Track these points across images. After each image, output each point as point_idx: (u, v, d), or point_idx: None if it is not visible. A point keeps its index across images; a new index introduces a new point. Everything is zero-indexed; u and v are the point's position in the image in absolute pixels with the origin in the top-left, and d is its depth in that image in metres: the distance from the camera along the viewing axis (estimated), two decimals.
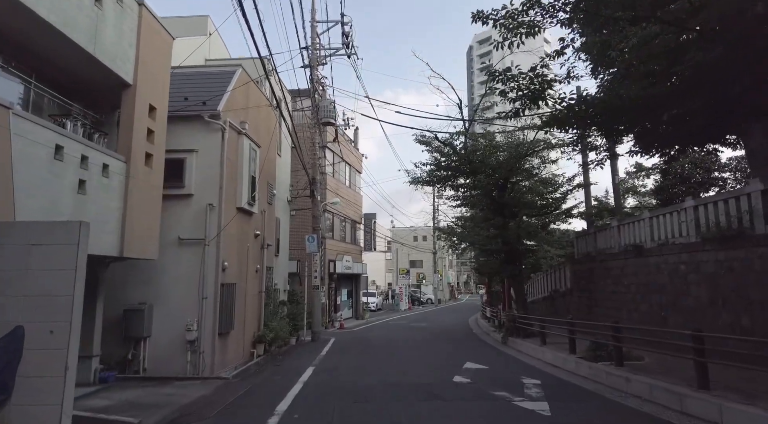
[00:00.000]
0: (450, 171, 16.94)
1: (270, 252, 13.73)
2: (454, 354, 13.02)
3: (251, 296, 11.93)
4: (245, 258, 11.48)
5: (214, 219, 9.89)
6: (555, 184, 16.20)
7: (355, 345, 15.34)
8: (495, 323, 21.35)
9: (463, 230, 23.75)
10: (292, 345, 15.16)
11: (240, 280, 11.11)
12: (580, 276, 17.50)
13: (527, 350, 13.14)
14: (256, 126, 12.43)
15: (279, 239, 15.24)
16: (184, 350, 9.35)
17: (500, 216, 15.99)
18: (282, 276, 15.91)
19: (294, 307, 16.51)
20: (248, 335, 11.70)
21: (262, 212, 12.82)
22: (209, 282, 9.66)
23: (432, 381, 8.65)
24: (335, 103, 17.81)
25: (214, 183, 10.01)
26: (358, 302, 29.10)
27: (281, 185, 15.86)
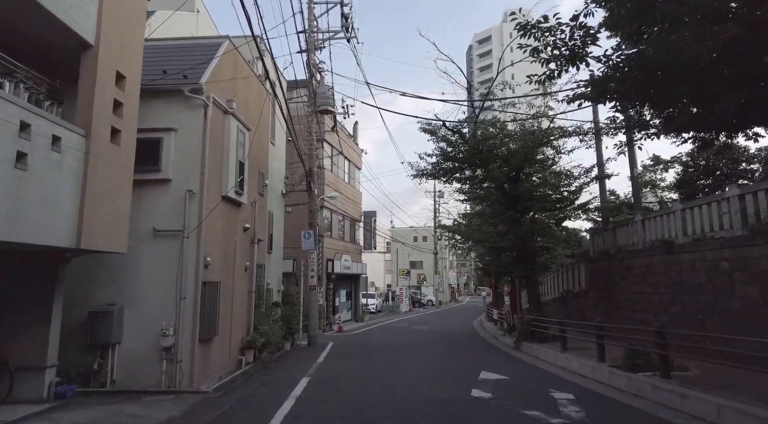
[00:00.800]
0: (457, 162, 15.71)
1: (261, 248, 12.48)
2: (466, 361, 11.78)
3: (239, 297, 10.67)
4: (232, 254, 10.23)
5: (195, 208, 8.64)
6: (571, 176, 15.00)
7: (356, 350, 14.09)
8: (503, 325, 20.15)
9: (468, 227, 22.53)
10: (286, 351, 13.91)
11: (226, 278, 9.85)
12: (596, 276, 16.29)
13: (545, 357, 11.90)
14: (246, 107, 11.19)
15: (272, 235, 14.00)
16: (159, 358, 8.08)
17: (512, 210, 14.76)
18: (275, 275, 14.66)
19: (289, 309, 15.25)
20: (236, 340, 10.44)
21: (252, 203, 11.57)
22: (188, 280, 8.41)
23: (447, 396, 7.41)
24: (334, 90, 16.59)
25: (195, 167, 8.77)
26: (358, 303, 27.83)
27: (275, 177, 14.63)
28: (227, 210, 10.02)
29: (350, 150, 26.96)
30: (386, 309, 39.45)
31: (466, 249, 27.43)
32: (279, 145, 15.33)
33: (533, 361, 11.89)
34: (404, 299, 37.91)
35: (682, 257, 11.14)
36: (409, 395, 7.56)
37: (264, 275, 12.77)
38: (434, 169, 16.28)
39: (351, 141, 27.70)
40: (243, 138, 10.66)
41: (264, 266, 12.78)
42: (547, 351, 12.04)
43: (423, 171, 16.43)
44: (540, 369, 10.43)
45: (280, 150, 15.48)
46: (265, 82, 13.29)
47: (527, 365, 11.24)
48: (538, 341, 13.92)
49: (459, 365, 11.19)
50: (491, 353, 13.86)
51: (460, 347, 15.35)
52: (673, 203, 11.69)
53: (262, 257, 12.64)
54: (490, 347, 15.56)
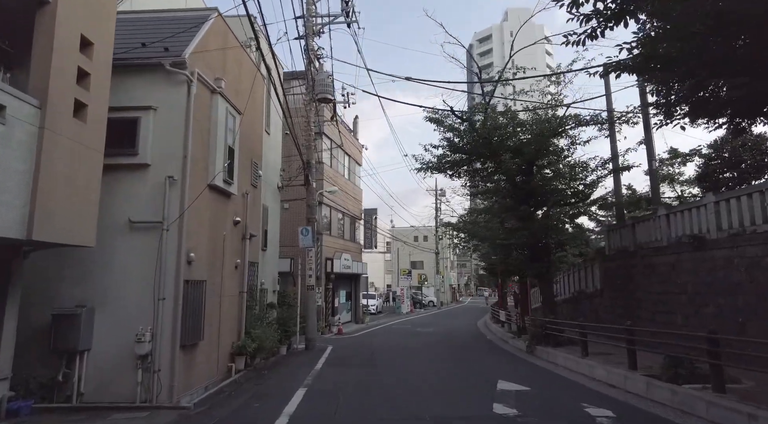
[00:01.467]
0: (465, 154, 14.71)
1: (255, 245, 11.46)
2: (478, 368, 10.78)
3: (229, 298, 9.65)
4: (220, 250, 9.21)
5: (176, 197, 7.62)
6: (586, 167, 14.00)
7: (357, 355, 13.07)
8: (511, 327, 19.16)
9: (474, 224, 21.53)
10: (281, 356, 12.88)
11: (213, 276, 8.83)
12: (612, 275, 15.30)
13: (564, 363, 10.90)
14: (237, 90, 10.18)
15: (267, 231, 12.98)
16: (134, 367, 7.06)
17: (525, 205, 13.77)
18: (271, 274, 13.64)
19: (285, 310, 14.23)
20: (224, 345, 9.42)
21: (243, 194, 10.56)
22: (168, 278, 7.39)
23: (466, 413, 6.40)
24: (333, 78, 15.57)
25: (176, 151, 7.75)
26: (358, 304, 26.81)
27: (270, 169, 13.62)
28: (215, 201, 9.01)
29: (350, 145, 25.96)
30: (387, 310, 38.44)
31: (471, 248, 26.45)
32: (275, 135, 14.33)
33: (551, 367, 10.89)
34: (405, 299, 36.89)
35: (716, 253, 10.15)
36: (422, 411, 6.54)
37: (257, 273, 11.75)
38: (440, 162, 15.28)
39: (351, 136, 26.69)
40: (233, 122, 9.65)
41: (257, 264, 11.76)
42: (566, 356, 11.04)
43: (428, 164, 15.42)
44: (562, 378, 9.43)
45: (276, 141, 14.47)
46: (259, 65, 12.29)
47: (546, 372, 10.23)
48: (553, 344, 12.93)
49: (471, 372, 10.18)
50: (503, 358, 12.85)
51: (468, 351, 14.35)
52: (705, 195, 10.67)
53: (255, 254, 11.62)
54: (501, 351, 14.56)
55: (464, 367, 11.04)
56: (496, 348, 15.36)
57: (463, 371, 10.42)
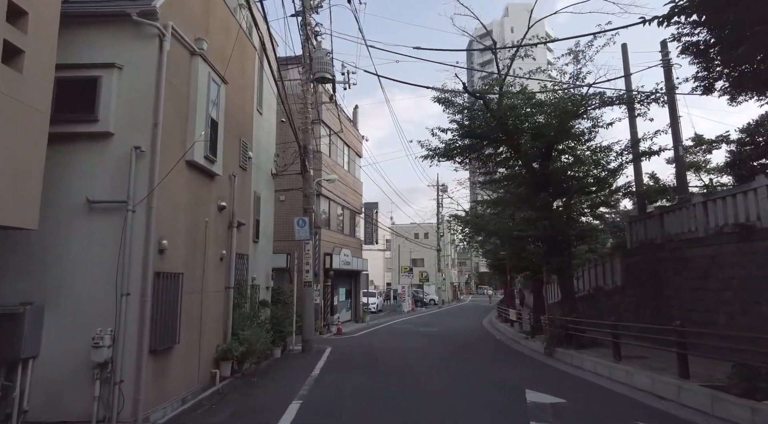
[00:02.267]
0: (477, 138, 13.44)
1: (244, 235, 10.19)
2: (497, 374, 9.53)
3: (213, 294, 8.38)
4: (202, 238, 7.93)
5: (145, 172, 6.34)
6: (610, 151, 12.77)
7: (358, 358, 11.83)
8: (521, 327, 17.94)
9: (480, 218, 20.31)
10: (275, 359, 11.63)
11: (192, 269, 7.56)
12: (635, 270, 14.09)
13: (594, 368, 9.66)
14: (223, 58, 8.88)
15: (259, 221, 11.70)
16: (91, 378, 5.79)
17: (544, 193, 12.53)
18: (264, 270, 12.37)
19: (280, 309, 12.96)
20: (207, 349, 8.15)
21: (230, 176, 9.28)
22: (134, 270, 6.11)
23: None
24: (332, 56, 14.28)
25: (145, 117, 6.47)
26: (358, 302, 25.55)
27: (263, 152, 12.35)
28: (195, 181, 7.72)
29: (350, 135, 24.68)
30: (387, 309, 37.21)
31: (476, 244, 25.21)
32: (268, 117, 13.05)
33: (578, 373, 9.65)
34: (406, 297, 35.65)
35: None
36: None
37: (247, 267, 10.48)
38: (448, 148, 14.01)
39: (351, 126, 25.40)
40: (217, 92, 8.36)
41: (247, 256, 10.49)
42: (595, 361, 9.80)
43: (435, 150, 14.16)
44: (597, 386, 8.18)
45: (270, 123, 13.19)
46: (251, 33, 11.01)
47: (576, 379, 8.98)
48: (576, 346, 11.70)
49: (490, 379, 8.93)
50: (520, 361, 11.61)
51: (480, 354, 13.11)
52: (758, 178, 9.44)
53: (245, 245, 10.34)
54: (515, 353, 13.32)
55: (480, 372, 9.80)
56: (509, 350, 14.12)
57: (480, 377, 9.17)
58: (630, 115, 14.41)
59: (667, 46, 14.73)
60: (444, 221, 43.31)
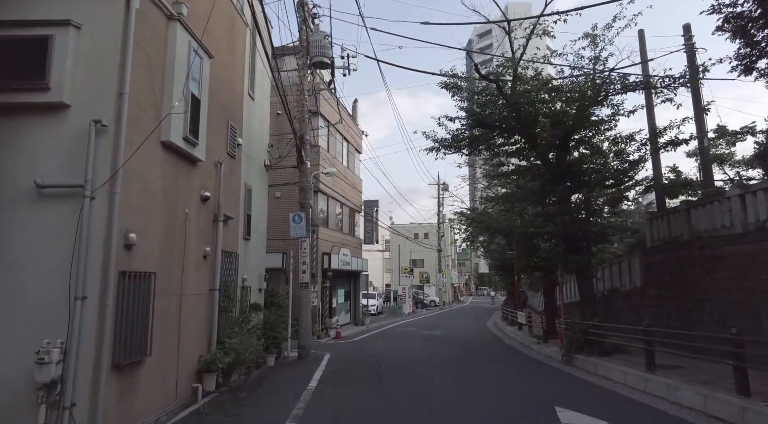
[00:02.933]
0: (487, 128, 12.41)
1: (232, 230, 9.13)
2: (517, 386, 8.48)
3: (194, 297, 7.31)
4: (181, 233, 6.87)
5: (106, 151, 5.28)
6: (632, 141, 11.75)
7: (360, 366, 10.78)
8: (531, 330, 16.91)
9: (485, 215, 19.29)
10: (268, 368, 10.57)
11: (168, 268, 6.50)
12: (658, 269, 13.07)
13: (624, 379, 8.62)
14: (208, 29, 7.81)
15: (251, 216, 10.64)
16: (34, 401, 4.72)
17: (563, 186, 11.51)
18: (256, 270, 11.30)
19: (274, 312, 11.90)
20: (187, 360, 7.08)
21: (216, 164, 8.22)
22: (92, 268, 5.05)
23: None
24: (331, 40, 13.24)
25: (108, 86, 5.41)
26: (357, 304, 24.48)
27: (255, 142, 11.29)
28: (172, 166, 6.66)
29: (349, 130, 23.64)
30: (387, 310, 36.16)
31: (480, 244, 24.19)
32: (261, 103, 11.99)
33: (607, 385, 8.60)
34: (407, 299, 34.59)
35: None
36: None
37: (236, 267, 9.41)
38: (456, 138, 12.97)
39: (350, 120, 24.35)
40: (201, 66, 7.31)
41: (236, 255, 9.42)
42: (625, 370, 8.76)
43: (441, 142, 13.12)
44: (636, 403, 7.13)
45: (263, 109, 12.13)
46: (242, 13, 9.97)
47: (608, 393, 7.92)
48: (598, 353, 10.68)
49: (511, 393, 7.89)
50: (538, 370, 10.57)
51: (492, 360, 12.07)
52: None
53: (233, 242, 9.28)
54: (529, 360, 12.28)
55: (497, 383, 8.76)
56: (522, 356, 13.08)
57: (499, 390, 8.12)
58: (647, 103, 13.41)
59: (690, 30, 13.75)
60: (446, 220, 42.32)
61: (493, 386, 8.56)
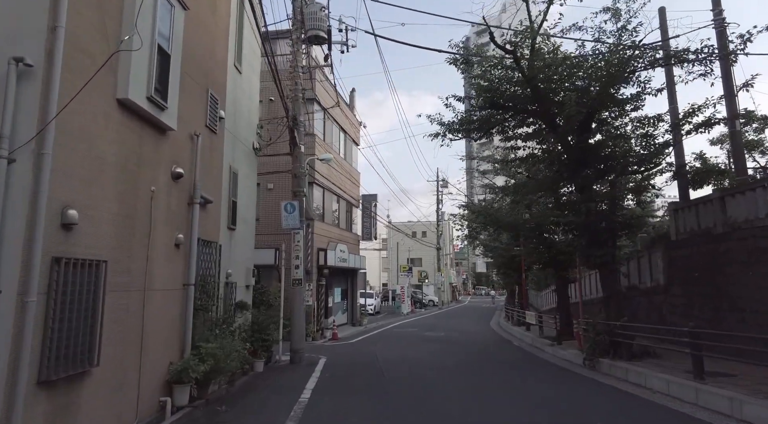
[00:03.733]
0: (501, 109, 11.23)
1: (213, 216, 7.89)
2: (543, 397, 7.28)
3: (161, 293, 6.07)
4: (145, 213, 5.63)
5: (32, 99, 4.04)
6: (660, 123, 10.60)
7: (359, 373, 9.55)
8: (541, 332, 15.74)
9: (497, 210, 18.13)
10: (256, 374, 9.34)
11: (126, 256, 5.25)
12: (685, 264, 11.93)
13: (666, 388, 7.43)
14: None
15: (236, 203, 9.40)
16: None
17: (584, 171, 10.35)
18: (243, 264, 10.06)
19: (263, 312, 10.66)
20: (154, 369, 5.84)
21: (192, 136, 6.98)
22: (9, 252, 3.82)
23: None
24: (329, 12, 12.00)
25: (35, 17, 4.17)
26: (355, 304, 23.25)
27: (242, 121, 10.06)
28: (133, 131, 5.42)
29: (346, 120, 22.42)
30: (385, 310, 34.96)
31: (481, 240, 23.07)
32: (249, 79, 10.74)
33: (646, 395, 7.41)
34: (405, 298, 33.39)
35: None
36: None
37: (219, 260, 8.17)
38: (465, 121, 11.77)
39: (348, 110, 23.12)
40: (172, 14, 6.07)
41: (218, 246, 8.18)
42: (666, 379, 7.57)
43: (449, 125, 11.92)
44: (694, 420, 5.95)
45: (252, 86, 10.88)
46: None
47: (653, 407, 6.72)
48: (627, 357, 9.51)
49: (538, 404, 6.69)
50: (562, 377, 9.38)
51: (507, 366, 10.88)
52: None
53: (214, 230, 8.03)
54: (547, 365, 11.10)
55: (520, 394, 7.56)
56: (537, 360, 11.90)
57: (525, 402, 6.92)
58: (669, 81, 12.21)
59: (720, 4, 12.62)
60: (446, 217, 41.14)
61: (518, 398, 7.35)
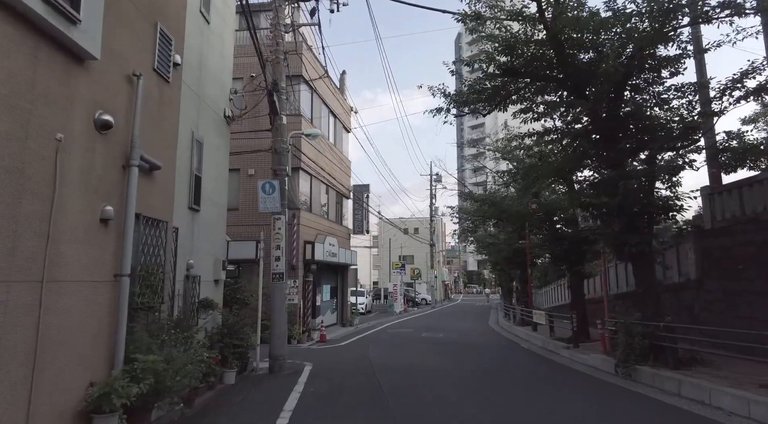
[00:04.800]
0: (518, 76, 9.60)
1: (163, 188, 6.12)
2: (588, 420, 5.66)
3: (74, 287, 4.32)
4: (45, 171, 3.87)
5: None
6: (705, 90, 9.07)
7: (352, 386, 7.84)
8: (554, 333, 14.15)
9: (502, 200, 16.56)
10: (225, 387, 7.59)
11: (8, 230, 3.50)
12: (723, 256, 10.44)
13: (743, 409, 5.84)
14: None
15: (200, 178, 7.64)
16: None
17: (616, 143, 8.77)
18: (210, 254, 8.30)
19: (235, 313, 8.91)
20: (57, 396, 4.09)
21: (131, 76, 5.21)
22: None
23: None
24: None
25: None
26: (345, 303, 21.51)
27: (211, 81, 8.31)
28: (19, 47, 3.67)
29: (336, 104, 20.67)
30: (376, 309, 33.31)
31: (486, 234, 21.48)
32: (221, 34, 8.98)
33: (718, 415, 5.83)
34: (398, 296, 31.72)
35: None
36: None
37: (175, 246, 6.40)
38: (475, 91, 10.13)
39: (338, 93, 21.35)
40: None
41: (174, 228, 6.41)
42: (746, 396, 5.97)
43: (455, 98, 10.29)
44: None
45: (223, 43, 9.11)
46: None
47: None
48: (672, 365, 7.94)
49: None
50: (596, 389, 7.78)
51: (526, 373, 9.27)
52: None
53: (165, 207, 6.25)
54: (571, 373, 9.51)
55: (558, 414, 5.93)
56: (557, 367, 10.31)
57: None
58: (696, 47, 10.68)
59: None
60: (441, 212, 39.56)
61: (552, 418, 5.73)
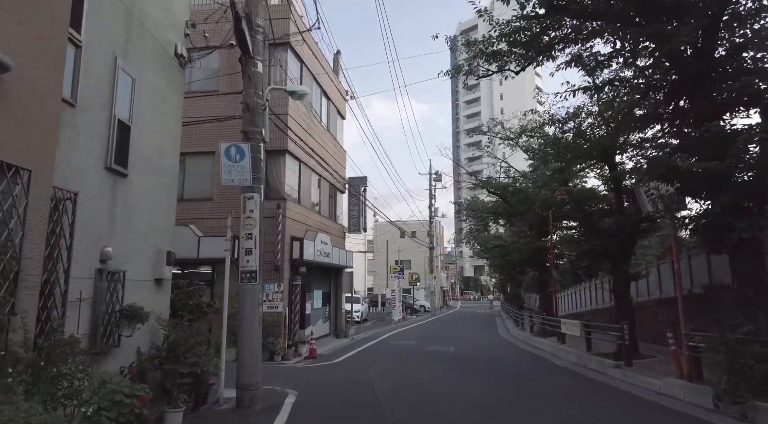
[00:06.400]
0: (572, 17, 7.21)
1: (29, 109, 3.59)
2: None
3: None
4: None
5: None
6: None
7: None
8: (591, 347, 11.66)
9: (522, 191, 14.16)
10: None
11: None
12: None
13: None
14: None
15: (129, 128, 5.13)
16: None
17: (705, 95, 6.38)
18: (148, 241, 5.79)
19: (184, 329, 6.33)
20: None
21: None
22: None
23: None
24: None
25: None
26: (339, 310, 18.90)
27: (153, 3, 5.80)
28: None
29: (329, 84, 18.22)
30: (373, 317, 30.73)
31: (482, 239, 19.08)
32: None
33: None
34: (397, 303, 29.12)
35: None
36: None
37: (54, 216, 3.88)
38: (510, 33, 7.72)
39: (332, 74, 18.91)
40: None
41: (60, 187, 3.89)
42: None
43: (486, 43, 7.89)
44: None
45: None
46: None
47: None
48: None
49: None
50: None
51: (579, 405, 6.74)
52: None
53: (36, 147, 3.71)
54: (647, 405, 6.99)
55: None
56: (617, 393, 7.81)
57: None
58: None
59: None
60: (440, 213, 37.04)
61: None
